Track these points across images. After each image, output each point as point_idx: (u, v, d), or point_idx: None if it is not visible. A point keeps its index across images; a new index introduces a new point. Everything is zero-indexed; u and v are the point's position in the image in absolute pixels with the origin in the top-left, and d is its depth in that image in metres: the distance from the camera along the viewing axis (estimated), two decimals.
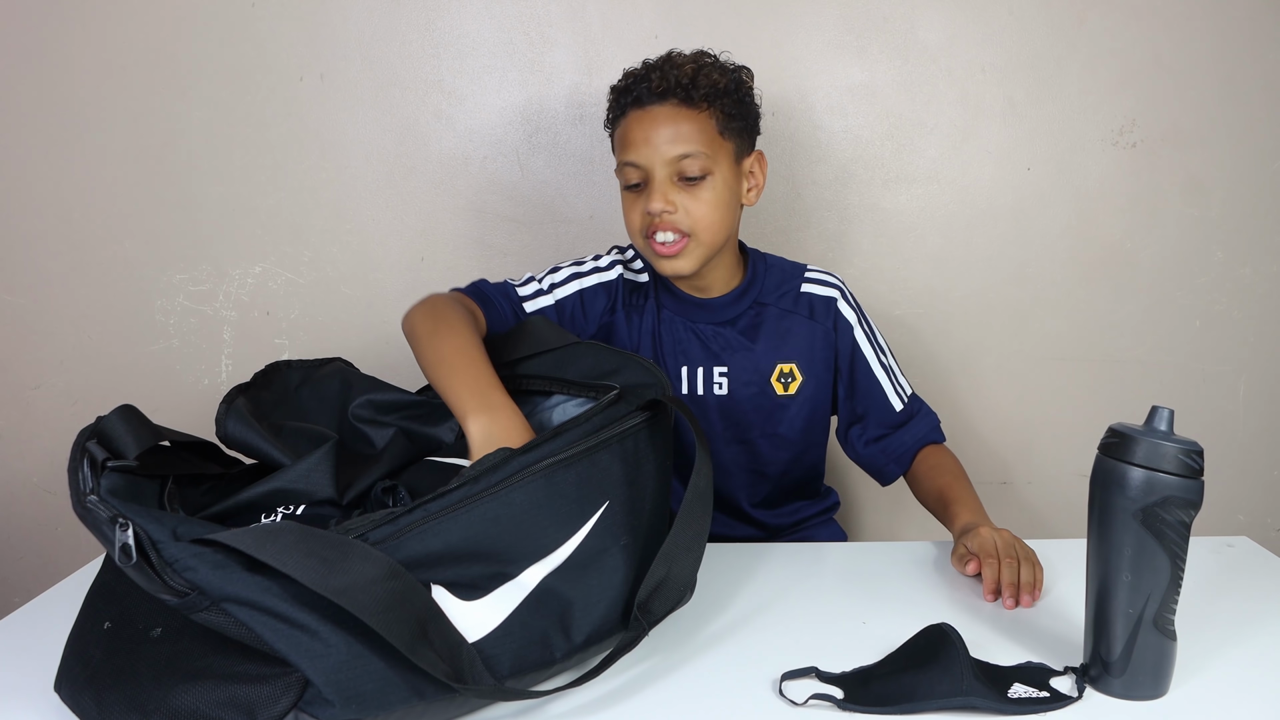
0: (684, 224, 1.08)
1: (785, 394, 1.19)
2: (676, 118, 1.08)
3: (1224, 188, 1.56)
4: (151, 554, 0.62)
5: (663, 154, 1.07)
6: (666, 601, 0.77)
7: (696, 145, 1.07)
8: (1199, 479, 0.70)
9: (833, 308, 1.19)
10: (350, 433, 0.92)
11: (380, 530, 0.68)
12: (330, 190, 1.55)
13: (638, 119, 1.10)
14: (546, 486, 0.73)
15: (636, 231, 1.12)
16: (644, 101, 1.09)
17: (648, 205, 1.08)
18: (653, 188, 1.08)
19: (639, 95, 1.10)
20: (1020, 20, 1.50)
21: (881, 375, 1.20)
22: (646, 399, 0.81)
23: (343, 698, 0.63)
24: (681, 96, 1.08)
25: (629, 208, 1.13)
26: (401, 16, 1.50)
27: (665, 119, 1.08)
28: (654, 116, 1.08)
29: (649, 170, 1.09)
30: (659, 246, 1.10)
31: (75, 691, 0.68)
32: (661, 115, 1.08)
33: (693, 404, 1.20)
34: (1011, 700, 0.72)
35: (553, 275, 1.19)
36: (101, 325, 1.58)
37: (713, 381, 1.19)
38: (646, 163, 1.08)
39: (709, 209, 1.09)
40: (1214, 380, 1.63)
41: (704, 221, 1.09)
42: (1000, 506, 1.67)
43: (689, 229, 1.09)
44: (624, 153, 1.11)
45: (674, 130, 1.07)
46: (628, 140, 1.10)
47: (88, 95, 1.51)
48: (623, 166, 1.11)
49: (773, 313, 1.19)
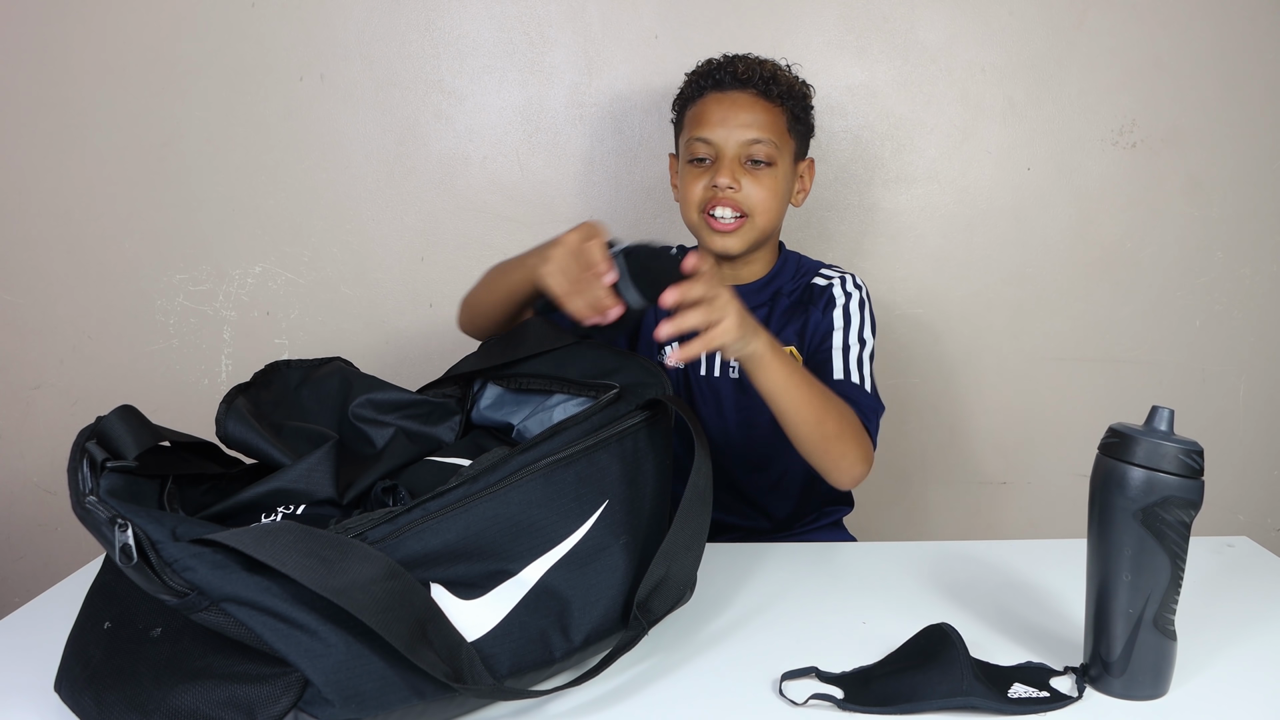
0: (745, 204, 1.14)
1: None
2: (754, 106, 1.16)
3: (1224, 188, 1.56)
4: (151, 554, 0.62)
5: (737, 136, 1.14)
6: (666, 601, 0.77)
7: (768, 134, 1.15)
8: (1199, 479, 0.70)
9: (829, 291, 1.20)
10: (350, 432, 0.92)
11: (379, 529, 0.68)
12: (330, 190, 1.55)
13: (717, 100, 1.17)
14: (545, 485, 0.73)
15: (694, 204, 1.17)
16: (725, 85, 1.18)
17: (715, 179, 1.14)
18: (722, 164, 1.14)
19: (720, 79, 1.18)
20: (1020, 20, 1.50)
21: (838, 353, 1.16)
22: (646, 398, 0.81)
23: (342, 697, 0.63)
24: (761, 88, 1.17)
25: (691, 181, 1.17)
26: (401, 16, 1.50)
27: (744, 104, 1.16)
28: (734, 100, 1.16)
29: (720, 148, 1.15)
30: (716, 222, 1.15)
31: (75, 691, 0.68)
32: (741, 100, 1.16)
33: (708, 386, 1.22)
34: (1011, 700, 0.72)
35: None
36: (101, 325, 1.58)
37: (728, 365, 1.21)
38: (720, 141, 1.15)
39: (769, 194, 1.15)
40: (1214, 380, 1.63)
41: (762, 205, 1.15)
42: (1000, 506, 1.67)
43: (749, 210, 1.14)
44: (698, 129, 1.17)
45: (751, 116, 1.15)
46: (704, 118, 1.17)
47: (88, 95, 1.51)
48: (693, 141, 1.17)
49: (784, 303, 1.22)
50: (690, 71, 1.24)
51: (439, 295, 1.58)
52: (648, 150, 1.55)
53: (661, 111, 1.53)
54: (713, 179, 1.14)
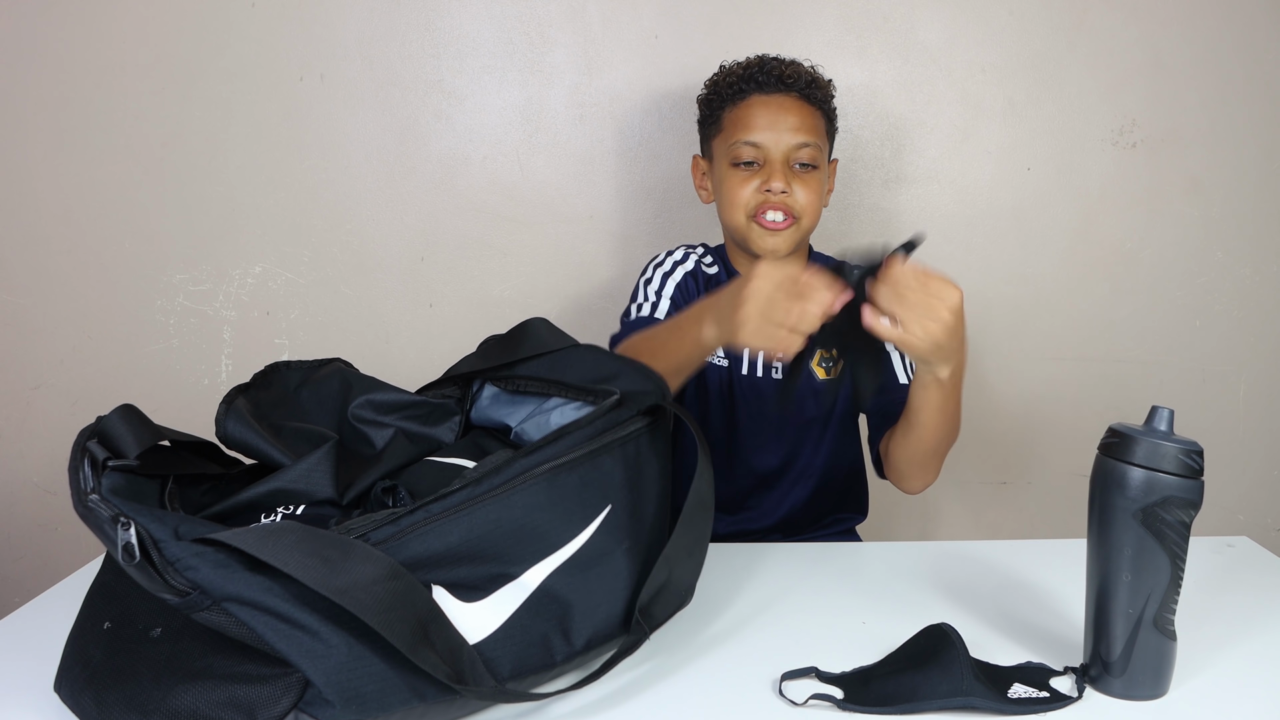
0: (795, 208, 1.15)
1: (826, 378, 1.22)
2: (800, 109, 1.17)
3: (1224, 188, 1.57)
4: (153, 553, 0.62)
5: (786, 140, 1.15)
6: (668, 606, 0.77)
7: (813, 137, 1.16)
8: (1199, 479, 0.70)
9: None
10: (350, 433, 0.92)
11: (382, 530, 0.68)
12: (330, 190, 1.55)
13: (763, 103, 1.17)
14: (549, 489, 0.73)
15: (742, 207, 1.17)
16: (769, 88, 1.18)
17: (769, 184, 1.14)
18: (773, 168, 1.15)
19: (764, 82, 1.18)
20: (1020, 20, 1.50)
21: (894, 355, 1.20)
22: (646, 404, 0.81)
23: (343, 698, 0.63)
24: (804, 92, 1.18)
25: (737, 185, 1.17)
26: (401, 16, 1.50)
27: (792, 108, 1.17)
28: (780, 104, 1.17)
29: (769, 152, 1.15)
30: (768, 223, 1.15)
31: (75, 691, 0.68)
32: (788, 104, 1.17)
33: (750, 386, 1.22)
34: (1011, 700, 0.72)
35: (648, 288, 1.22)
36: (101, 325, 1.58)
37: (771, 366, 1.22)
38: (770, 145, 1.15)
39: (816, 197, 1.17)
40: (1214, 380, 1.63)
41: (810, 208, 1.16)
42: (1000, 506, 1.67)
43: (798, 213, 1.15)
44: (745, 133, 1.16)
45: (799, 120, 1.16)
46: (750, 121, 1.16)
47: (88, 95, 1.51)
48: (739, 145, 1.17)
49: None
50: (720, 72, 1.23)
51: (439, 295, 1.58)
52: (648, 150, 1.55)
53: (661, 111, 1.53)
54: (765, 183, 1.14)
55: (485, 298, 1.58)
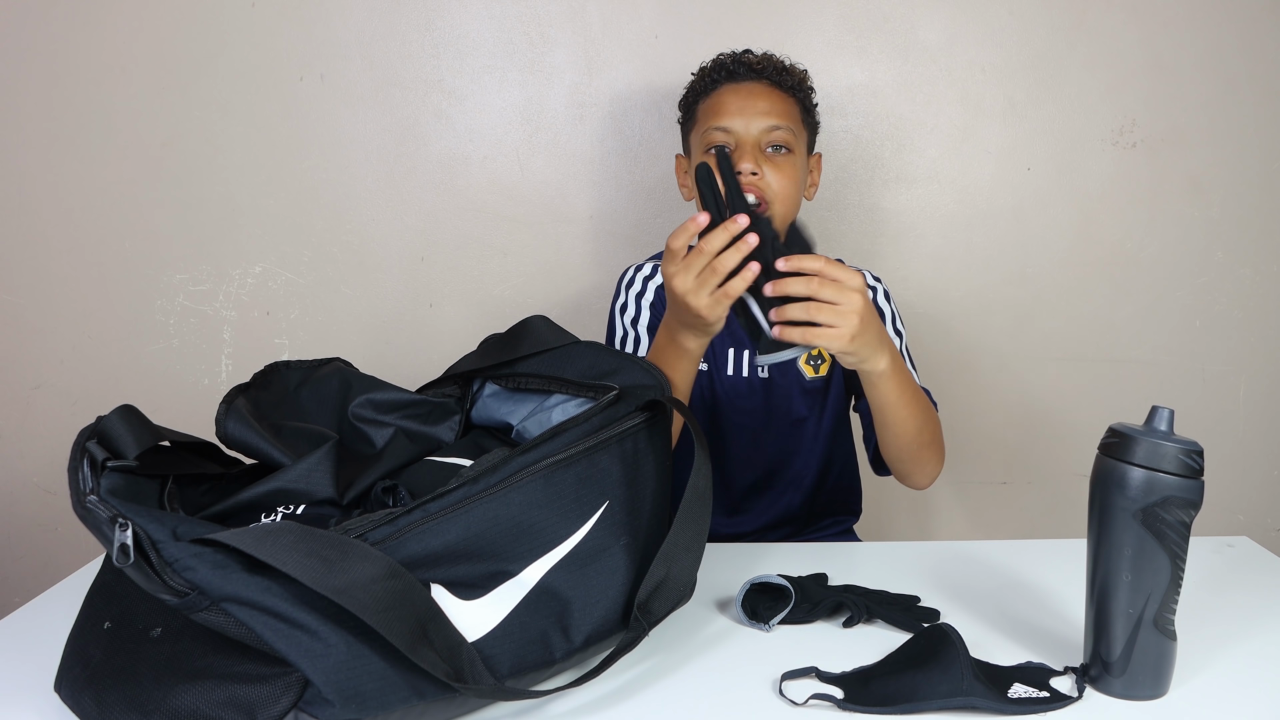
0: (767, 191, 1.14)
1: (816, 375, 1.22)
2: (770, 94, 1.17)
3: (1224, 188, 1.57)
4: (151, 554, 0.62)
5: (757, 123, 1.15)
6: (666, 602, 0.77)
7: (785, 120, 1.16)
8: (1199, 479, 0.70)
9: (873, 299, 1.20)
10: (350, 432, 0.92)
11: (380, 530, 0.68)
12: (330, 190, 1.55)
13: (733, 90, 1.18)
14: (546, 487, 0.73)
15: None
16: (739, 76, 1.19)
17: (738, 165, 1.13)
18: (743, 150, 1.14)
19: (734, 70, 1.19)
20: (1020, 20, 1.50)
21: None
22: (646, 399, 0.81)
23: (343, 697, 0.63)
24: (774, 78, 1.19)
25: None
26: (401, 16, 1.50)
27: (761, 94, 1.17)
28: (750, 90, 1.17)
29: (740, 136, 1.15)
30: None
31: (75, 691, 0.68)
32: (758, 90, 1.17)
33: (733, 386, 1.22)
34: (1011, 700, 0.72)
35: (624, 316, 1.23)
36: (101, 325, 1.58)
37: (755, 365, 1.22)
38: (740, 129, 1.15)
39: (789, 181, 1.15)
40: (1214, 380, 1.63)
41: (783, 192, 1.14)
42: (1000, 506, 1.67)
43: (770, 198, 1.14)
44: (716, 119, 1.16)
45: (768, 104, 1.16)
46: (721, 108, 1.17)
47: (88, 95, 1.51)
48: (710, 131, 1.16)
49: None
50: (696, 72, 1.24)
51: (439, 295, 1.58)
52: (648, 150, 1.55)
53: (662, 111, 1.53)
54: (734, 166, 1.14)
55: (485, 298, 1.58)
